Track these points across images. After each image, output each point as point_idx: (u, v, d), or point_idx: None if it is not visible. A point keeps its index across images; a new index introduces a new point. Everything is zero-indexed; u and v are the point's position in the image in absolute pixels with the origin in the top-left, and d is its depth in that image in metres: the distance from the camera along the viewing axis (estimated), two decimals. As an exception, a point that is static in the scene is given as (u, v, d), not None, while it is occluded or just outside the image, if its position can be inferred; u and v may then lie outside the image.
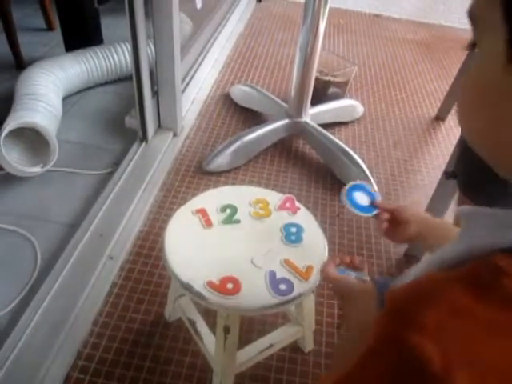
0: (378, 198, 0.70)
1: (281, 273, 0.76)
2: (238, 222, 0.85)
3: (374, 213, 0.67)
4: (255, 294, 0.73)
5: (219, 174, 1.53)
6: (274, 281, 0.75)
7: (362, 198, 0.68)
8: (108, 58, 1.84)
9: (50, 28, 2.36)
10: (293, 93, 1.60)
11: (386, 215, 0.66)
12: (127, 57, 1.86)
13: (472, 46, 0.35)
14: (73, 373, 0.95)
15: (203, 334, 0.91)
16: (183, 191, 1.45)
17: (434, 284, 0.30)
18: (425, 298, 0.29)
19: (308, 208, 0.91)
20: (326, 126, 1.71)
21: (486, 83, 0.31)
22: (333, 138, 1.60)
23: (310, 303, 0.89)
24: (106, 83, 1.92)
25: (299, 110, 1.63)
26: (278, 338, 0.94)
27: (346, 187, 0.69)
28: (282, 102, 1.78)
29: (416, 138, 1.87)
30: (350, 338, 0.54)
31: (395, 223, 0.66)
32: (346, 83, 1.98)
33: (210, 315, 0.93)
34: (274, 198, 0.92)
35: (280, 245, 0.82)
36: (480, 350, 0.26)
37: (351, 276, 0.61)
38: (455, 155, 1.21)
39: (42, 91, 1.52)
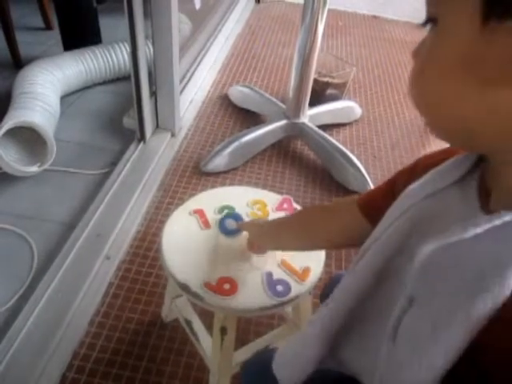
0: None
1: (278, 274, 0.76)
2: (235, 222, 0.86)
3: (238, 233, 0.81)
4: (252, 294, 0.73)
5: (217, 174, 1.53)
6: (270, 282, 0.75)
7: (231, 224, 0.83)
8: (106, 58, 1.84)
9: (48, 27, 2.36)
10: (291, 94, 1.60)
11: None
12: (125, 57, 1.86)
13: (427, 22, 0.33)
14: (69, 373, 0.94)
15: (200, 335, 0.91)
16: (181, 191, 1.45)
17: None
18: None
19: (305, 209, 0.91)
20: (323, 127, 1.71)
21: (462, 55, 0.30)
22: (330, 139, 1.61)
23: (306, 304, 0.89)
24: (105, 83, 1.92)
25: (297, 111, 1.63)
26: (274, 339, 0.94)
27: (220, 218, 0.84)
28: (280, 103, 1.78)
29: (413, 140, 1.88)
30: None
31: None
32: (344, 84, 1.98)
33: (206, 316, 0.93)
34: (271, 198, 0.92)
35: (277, 246, 0.82)
36: None
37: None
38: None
39: (39, 90, 1.52)
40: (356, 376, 0.47)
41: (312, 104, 1.70)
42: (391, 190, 0.49)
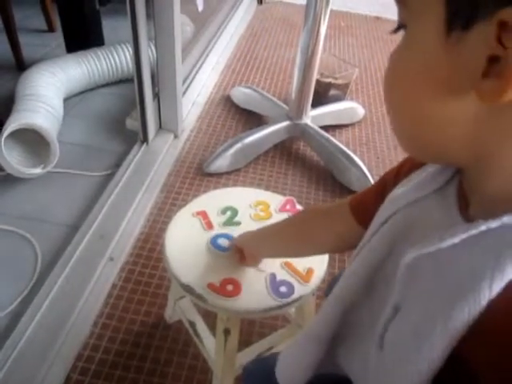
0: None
1: (281, 275, 0.76)
2: (238, 224, 0.85)
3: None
4: (255, 296, 0.73)
5: (220, 175, 1.53)
6: (274, 283, 0.75)
7: (224, 242, 0.82)
8: (109, 60, 1.85)
9: (50, 29, 2.37)
10: (293, 95, 1.60)
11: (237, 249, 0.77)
12: (128, 58, 1.87)
13: (399, 28, 0.33)
14: (73, 374, 0.94)
15: (203, 336, 0.91)
16: (184, 193, 1.45)
17: None
18: None
19: (308, 210, 0.91)
20: (326, 128, 1.71)
21: (426, 63, 0.30)
22: (333, 140, 1.61)
23: (310, 306, 0.89)
24: (107, 85, 1.92)
25: (300, 112, 1.63)
26: (277, 341, 0.94)
27: (212, 237, 0.82)
28: (282, 104, 1.78)
29: (416, 141, 1.87)
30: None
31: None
32: (346, 85, 1.98)
33: (210, 317, 0.94)
34: (274, 200, 0.92)
35: (280, 247, 0.81)
36: None
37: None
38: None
39: (42, 92, 1.53)
40: (351, 379, 0.47)
41: (314, 105, 1.70)
42: (381, 192, 0.49)
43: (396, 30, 0.34)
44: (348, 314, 0.44)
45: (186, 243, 0.80)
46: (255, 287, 0.74)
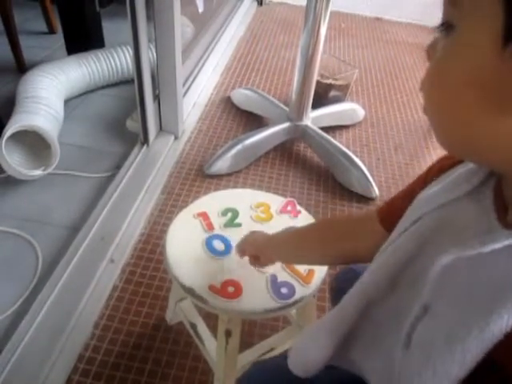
0: (233, 243, 0.81)
1: (282, 276, 0.76)
2: (239, 225, 0.86)
3: (228, 254, 0.79)
4: (256, 297, 0.73)
5: (220, 177, 1.53)
6: (275, 284, 0.75)
7: (218, 245, 0.81)
8: (109, 62, 1.85)
9: (51, 31, 2.37)
10: (294, 96, 1.60)
11: (243, 252, 0.75)
12: (128, 60, 1.87)
13: (444, 26, 0.30)
14: (74, 376, 0.94)
15: (204, 338, 0.91)
16: (184, 194, 1.45)
17: None
18: None
19: (309, 211, 0.91)
20: (326, 129, 1.71)
21: (474, 70, 0.27)
22: (334, 141, 1.61)
23: (311, 307, 0.89)
24: (108, 86, 1.93)
25: (300, 113, 1.63)
26: (279, 342, 0.94)
27: (206, 238, 0.82)
28: (282, 106, 1.78)
29: (417, 142, 1.87)
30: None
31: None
32: (347, 86, 1.98)
33: (211, 318, 0.94)
34: (275, 201, 0.92)
35: (281, 248, 0.81)
36: None
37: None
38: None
39: (43, 94, 1.53)
40: (365, 377, 0.46)
41: (315, 106, 1.70)
42: (409, 199, 0.47)
43: (439, 28, 0.31)
44: (368, 310, 0.44)
45: (186, 245, 0.80)
46: (256, 288, 0.74)
